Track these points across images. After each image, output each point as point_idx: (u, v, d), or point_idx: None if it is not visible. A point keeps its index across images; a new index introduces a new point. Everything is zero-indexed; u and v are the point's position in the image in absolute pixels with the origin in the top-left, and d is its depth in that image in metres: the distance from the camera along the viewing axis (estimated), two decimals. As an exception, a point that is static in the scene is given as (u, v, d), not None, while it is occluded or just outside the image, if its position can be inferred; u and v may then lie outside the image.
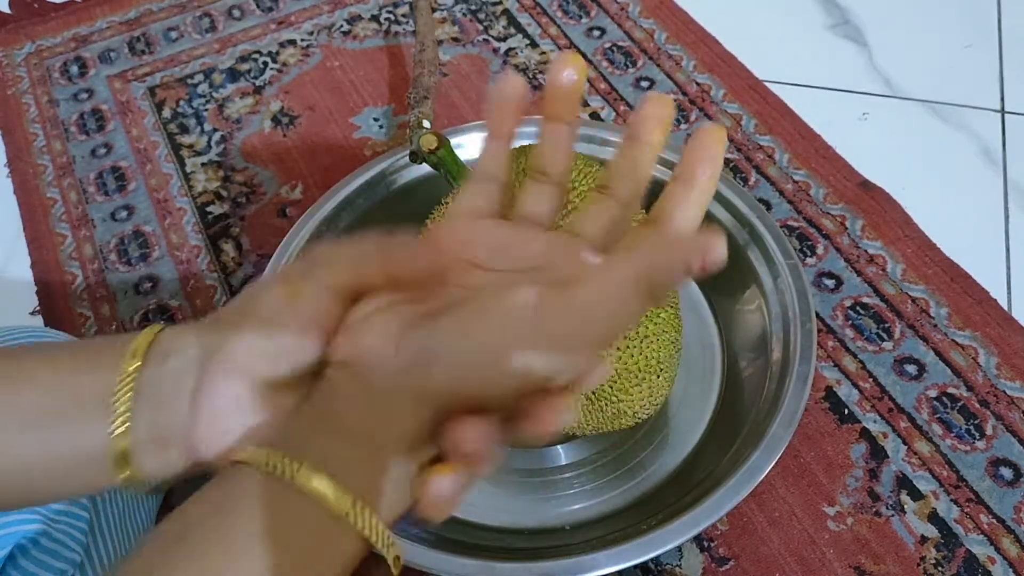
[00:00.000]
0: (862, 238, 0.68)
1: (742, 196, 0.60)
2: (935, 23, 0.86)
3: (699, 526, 0.45)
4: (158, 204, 0.75)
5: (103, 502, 0.47)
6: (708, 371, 0.59)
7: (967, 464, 0.56)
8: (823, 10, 0.88)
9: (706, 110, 0.78)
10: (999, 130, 0.76)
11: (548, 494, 0.54)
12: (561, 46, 0.86)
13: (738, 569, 0.53)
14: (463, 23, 0.88)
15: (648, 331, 0.47)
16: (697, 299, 0.63)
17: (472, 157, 0.64)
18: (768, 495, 0.55)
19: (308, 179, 0.76)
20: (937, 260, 0.66)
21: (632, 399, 0.48)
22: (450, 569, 0.44)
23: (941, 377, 0.60)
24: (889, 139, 0.76)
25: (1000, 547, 0.53)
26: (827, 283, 0.66)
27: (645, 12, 0.88)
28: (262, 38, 0.89)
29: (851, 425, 0.58)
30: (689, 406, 0.57)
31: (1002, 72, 0.81)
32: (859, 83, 0.81)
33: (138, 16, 0.92)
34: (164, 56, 0.88)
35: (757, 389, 0.54)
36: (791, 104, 0.78)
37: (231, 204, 0.75)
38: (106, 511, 0.47)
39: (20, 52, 0.89)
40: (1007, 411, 0.58)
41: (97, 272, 0.71)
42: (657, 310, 0.47)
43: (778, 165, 0.74)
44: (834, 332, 0.63)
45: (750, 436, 0.50)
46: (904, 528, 0.54)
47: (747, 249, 0.59)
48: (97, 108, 0.83)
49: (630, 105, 0.79)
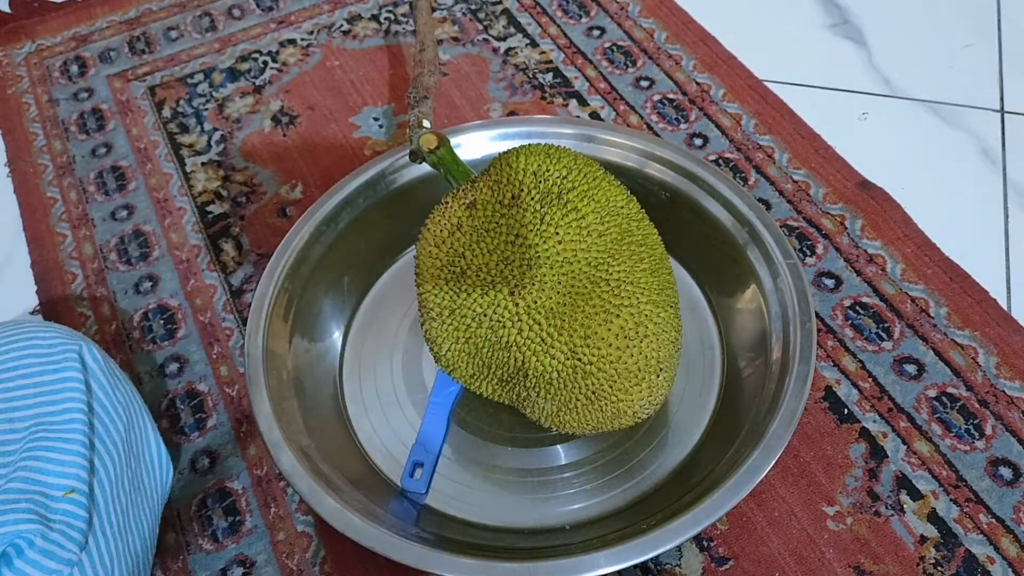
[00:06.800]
0: (862, 238, 0.68)
1: (742, 196, 0.60)
2: (935, 23, 0.86)
3: (699, 526, 0.45)
4: (158, 204, 0.75)
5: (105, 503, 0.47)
6: (708, 371, 0.59)
7: (966, 464, 0.56)
8: (823, 10, 0.88)
9: (706, 110, 0.78)
10: (999, 130, 0.76)
11: (548, 494, 0.54)
12: (561, 46, 0.86)
13: (737, 569, 0.53)
14: (463, 23, 0.88)
15: (648, 331, 0.47)
16: (697, 299, 0.63)
17: (472, 157, 0.64)
18: (768, 495, 0.55)
19: (308, 179, 0.76)
20: (937, 260, 0.66)
21: (632, 399, 0.48)
22: (450, 569, 0.44)
23: (940, 377, 0.60)
24: (889, 139, 0.76)
25: (999, 547, 0.53)
26: (827, 283, 0.66)
27: (645, 12, 0.88)
28: (262, 37, 0.89)
29: (850, 425, 0.58)
30: (689, 406, 0.57)
31: (1002, 72, 0.81)
32: (859, 83, 0.81)
33: (138, 15, 0.92)
34: (164, 55, 0.88)
35: (757, 389, 0.54)
36: (791, 104, 0.78)
37: (231, 204, 0.75)
38: (108, 511, 0.47)
39: (20, 51, 0.89)
40: (1006, 411, 0.58)
41: (97, 271, 0.71)
42: (657, 310, 0.48)
43: (778, 165, 0.74)
44: (834, 332, 0.63)
45: (750, 436, 0.50)
46: (903, 528, 0.54)
47: (747, 249, 0.59)
48: (97, 107, 0.83)
49: (630, 105, 0.80)
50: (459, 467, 0.56)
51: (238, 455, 0.59)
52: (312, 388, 0.58)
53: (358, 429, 0.58)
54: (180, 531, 0.56)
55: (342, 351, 0.62)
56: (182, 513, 0.57)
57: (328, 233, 0.61)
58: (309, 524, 0.56)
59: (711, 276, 0.63)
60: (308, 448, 0.51)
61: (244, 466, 0.59)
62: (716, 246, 0.61)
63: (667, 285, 0.50)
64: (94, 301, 0.69)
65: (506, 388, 0.50)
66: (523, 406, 0.51)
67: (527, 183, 0.47)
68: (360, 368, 0.61)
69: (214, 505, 0.57)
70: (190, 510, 0.57)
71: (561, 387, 0.47)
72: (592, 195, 0.48)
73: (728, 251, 0.60)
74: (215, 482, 0.58)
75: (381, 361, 0.62)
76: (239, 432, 0.61)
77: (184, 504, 0.57)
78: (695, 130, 0.77)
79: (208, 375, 0.64)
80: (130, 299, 0.69)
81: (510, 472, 0.56)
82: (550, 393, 0.47)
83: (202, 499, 0.57)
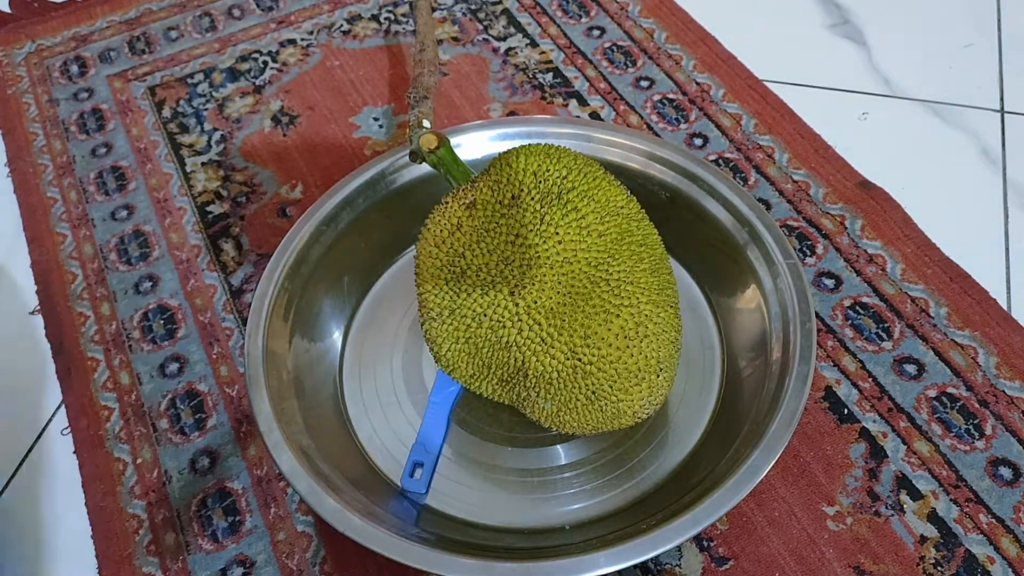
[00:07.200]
0: (861, 238, 0.68)
1: (742, 196, 0.60)
2: (935, 23, 0.86)
3: (699, 526, 0.45)
4: (158, 203, 0.75)
5: None
6: (708, 371, 0.59)
7: (966, 464, 0.56)
8: (823, 10, 0.88)
9: (706, 110, 0.78)
10: (999, 130, 0.76)
11: (548, 494, 0.54)
12: (561, 46, 0.86)
13: (737, 569, 0.53)
14: (463, 23, 0.88)
15: (648, 331, 0.47)
16: (697, 299, 0.63)
17: (472, 157, 0.64)
18: (768, 495, 0.55)
19: (308, 179, 0.76)
20: (936, 260, 0.66)
21: (632, 399, 0.48)
22: (450, 569, 0.44)
23: (940, 377, 0.60)
24: (889, 139, 0.76)
25: (999, 547, 0.53)
26: (827, 283, 0.66)
27: (645, 12, 0.88)
28: (262, 37, 0.89)
29: (850, 425, 0.58)
30: (689, 406, 0.57)
31: (1002, 72, 0.81)
32: (859, 83, 0.81)
33: (138, 15, 0.92)
34: (164, 55, 0.88)
35: (757, 389, 0.54)
36: (791, 104, 0.78)
37: (231, 203, 0.75)
38: None
39: (20, 51, 0.89)
40: (1006, 411, 0.58)
41: (97, 271, 0.71)
42: (657, 310, 0.48)
43: (778, 165, 0.74)
44: (834, 332, 0.63)
45: (750, 436, 0.50)
46: (903, 528, 0.54)
47: (747, 249, 0.59)
48: (97, 107, 0.83)
49: (630, 105, 0.79)
50: (459, 467, 0.56)
51: (238, 455, 0.59)
52: (312, 388, 0.57)
53: (358, 429, 0.58)
54: (180, 531, 0.56)
55: (342, 351, 0.62)
56: (182, 513, 0.57)
57: (328, 233, 0.61)
58: (309, 524, 0.56)
59: (711, 276, 0.63)
60: (308, 448, 0.51)
61: (244, 466, 0.59)
62: (716, 246, 0.61)
63: (667, 285, 0.50)
64: (94, 301, 0.69)
65: (506, 388, 0.50)
66: (523, 406, 0.51)
67: (527, 183, 0.47)
68: (360, 368, 0.61)
69: (214, 505, 0.57)
70: (190, 510, 0.57)
71: (561, 387, 0.47)
72: (592, 195, 0.48)
73: (728, 251, 0.60)
74: (215, 482, 0.58)
75: (381, 361, 0.62)
76: (239, 432, 0.61)
77: (184, 504, 0.57)
78: (695, 130, 0.77)
79: (208, 375, 0.64)
80: (130, 299, 0.69)
81: (510, 472, 0.56)
82: (550, 393, 0.47)
83: (202, 499, 0.57)
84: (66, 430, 0.62)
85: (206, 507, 0.57)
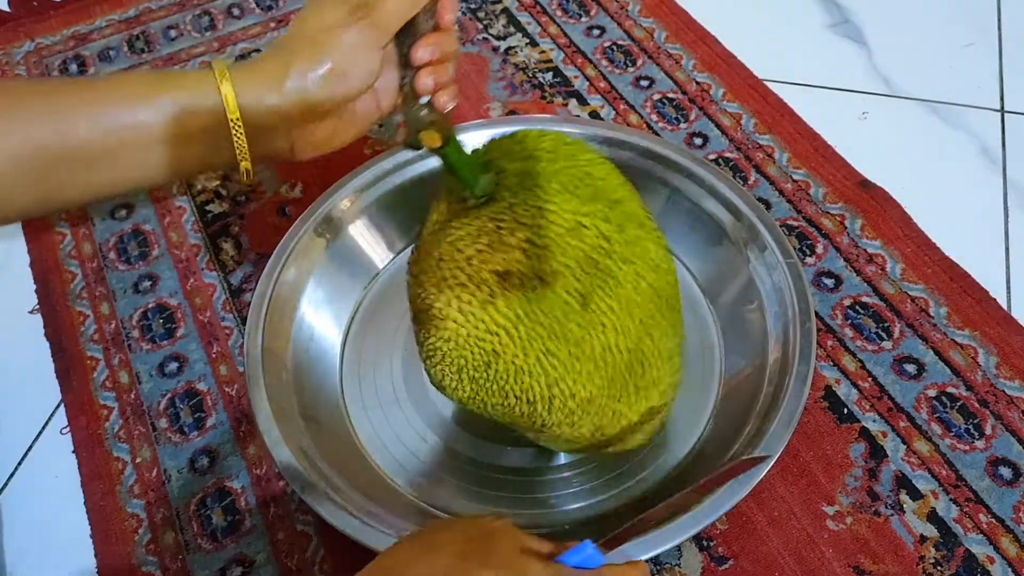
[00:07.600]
0: (861, 237, 0.68)
1: (742, 195, 0.60)
2: (935, 23, 0.86)
3: (699, 526, 0.45)
4: (157, 202, 0.75)
5: None
6: (708, 371, 0.59)
7: (966, 463, 0.56)
8: (823, 9, 0.88)
9: (706, 109, 0.78)
10: (999, 130, 0.76)
11: (548, 494, 0.54)
12: (561, 45, 0.86)
13: (737, 568, 0.53)
14: (463, 22, 0.88)
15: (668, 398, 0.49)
16: (697, 299, 0.63)
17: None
18: (767, 495, 0.55)
19: (308, 178, 0.76)
20: (936, 259, 0.66)
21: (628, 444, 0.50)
22: (450, 568, 0.44)
23: (940, 376, 0.60)
24: (889, 138, 0.76)
25: (999, 546, 0.53)
26: (826, 282, 0.66)
27: (645, 11, 0.88)
28: (261, 36, 0.89)
29: (850, 424, 0.58)
30: (689, 406, 0.57)
31: (1002, 72, 0.81)
32: (859, 82, 0.81)
33: (137, 14, 0.92)
34: (163, 54, 0.88)
35: (756, 389, 0.54)
36: (791, 103, 0.78)
37: (230, 203, 0.75)
38: None
39: (20, 50, 0.89)
40: (1006, 410, 0.58)
41: (96, 270, 0.71)
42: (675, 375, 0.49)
43: (778, 164, 0.74)
44: (833, 331, 0.63)
45: (750, 436, 0.50)
46: (903, 527, 0.54)
47: (747, 249, 0.59)
48: (96, 106, 0.83)
49: (630, 104, 0.79)
50: (459, 467, 0.56)
51: (237, 454, 0.59)
52: (312, 388, 0.57)
53: (358, 429, 0.58)
54: (179, 530, 0.56)
55: (342, 351, 0.62)
56: (181, 512, 0.57)
57: (328, 232, 0.61)
58: (309, 524, 0.56)
59: (711, 276, 0.63)
60: (308, 448, 0.51)
61: (243, 465, 0.59)
62: (716, 246, 0.61)
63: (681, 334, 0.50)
64: (93, 300, 0.69)
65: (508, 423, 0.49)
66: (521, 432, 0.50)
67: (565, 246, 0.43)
68: (360, 368, 0.61)
69: (213, 504, 0.57)
70: (189, 509, 0.57)
71: (574, 445, 0.49)
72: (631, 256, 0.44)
73: (728, 251, 0.60)
74: (214, 481, 0.58)
75: (381, 361, 0.61)
76: (238, 431, 0.61)
77: (183, 503, 0.57)
78: (695, 129, 0.77)
79: (207, 374, 0.64)
80: (129, 298, 0.69)
81: (510, 472, 0.56)
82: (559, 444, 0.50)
83: (201, 498, 0.57)
84: (65, 429, 0.62)
85: (205, 506, 0.57)
